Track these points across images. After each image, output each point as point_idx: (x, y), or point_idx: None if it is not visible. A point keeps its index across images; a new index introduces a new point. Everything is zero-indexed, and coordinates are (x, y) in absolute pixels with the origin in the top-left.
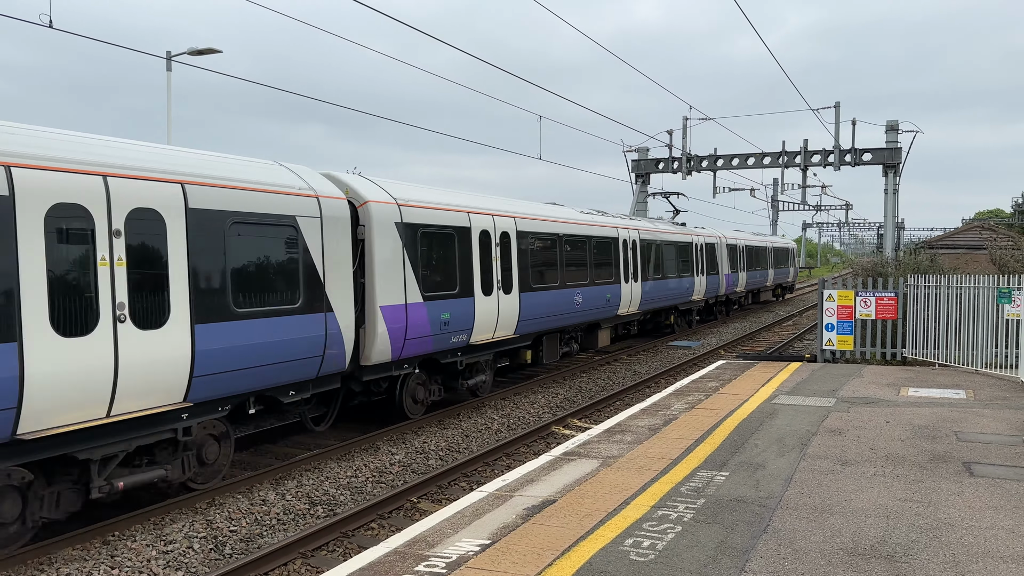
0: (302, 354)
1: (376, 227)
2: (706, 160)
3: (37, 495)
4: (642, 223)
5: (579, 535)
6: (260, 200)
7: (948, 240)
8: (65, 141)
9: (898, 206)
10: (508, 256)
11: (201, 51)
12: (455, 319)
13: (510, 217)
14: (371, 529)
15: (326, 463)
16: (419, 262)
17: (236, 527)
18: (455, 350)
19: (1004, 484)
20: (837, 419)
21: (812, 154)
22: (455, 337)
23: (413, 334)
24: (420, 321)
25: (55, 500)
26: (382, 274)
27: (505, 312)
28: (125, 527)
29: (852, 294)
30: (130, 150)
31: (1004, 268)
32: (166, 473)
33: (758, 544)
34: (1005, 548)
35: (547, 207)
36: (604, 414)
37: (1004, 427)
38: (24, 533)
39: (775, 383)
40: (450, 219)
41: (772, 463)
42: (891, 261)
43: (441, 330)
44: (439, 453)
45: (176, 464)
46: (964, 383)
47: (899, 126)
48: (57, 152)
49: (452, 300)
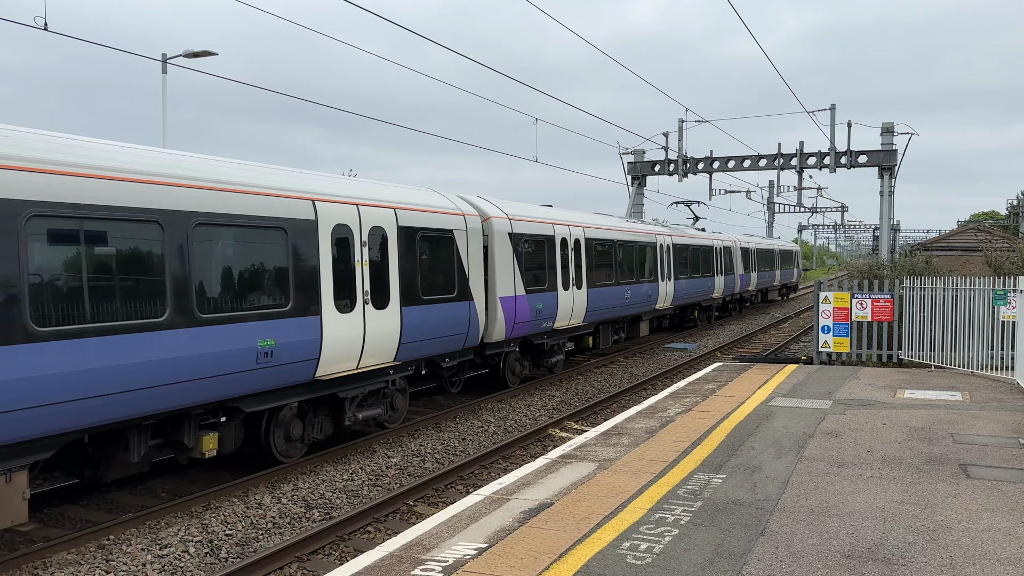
0: (455, 331)
1: (496, 236)
2: (702, 162)
3: (310, 422)
4: (675, 230)
5: (576, 538)
6: (436, 219)
7: (944, 242)
8: (331, 181)
9: (894, 208)
10: (579, 259)
11: (197, 53)
12: (545, 309)
13: (580, 227)
14: (367, 533)
15: (322, 466)
16: (522, 263)
17: (232, 531)
18: (543, 333)
19: (1000, 486)
20: (834, 421)
21: (808, 156)
22: (545, 323)
23: (519, 319)
24: (524, 310)
25: (319, 426)
26: (500, 273)
27: (577, 304)
28: (120, 531)
29: (848, 296)
30: (347, 183)
31: (999, 270)
32: (381, 411)
33: (755, 547)
34: (1002, 550)
35: (604, 218)
36: (601, 417)
37: (1000, 429)
38: (302, 449)
39: (772, 385)
40: (541, 229)
41: (769, 465)
42: (887, 263)
43: (536, 317)
44: (435, 456)
45: (385, 406)
46: (960, 385)
47: (894, 128)
48: (332, 189)
49: (543, 293)
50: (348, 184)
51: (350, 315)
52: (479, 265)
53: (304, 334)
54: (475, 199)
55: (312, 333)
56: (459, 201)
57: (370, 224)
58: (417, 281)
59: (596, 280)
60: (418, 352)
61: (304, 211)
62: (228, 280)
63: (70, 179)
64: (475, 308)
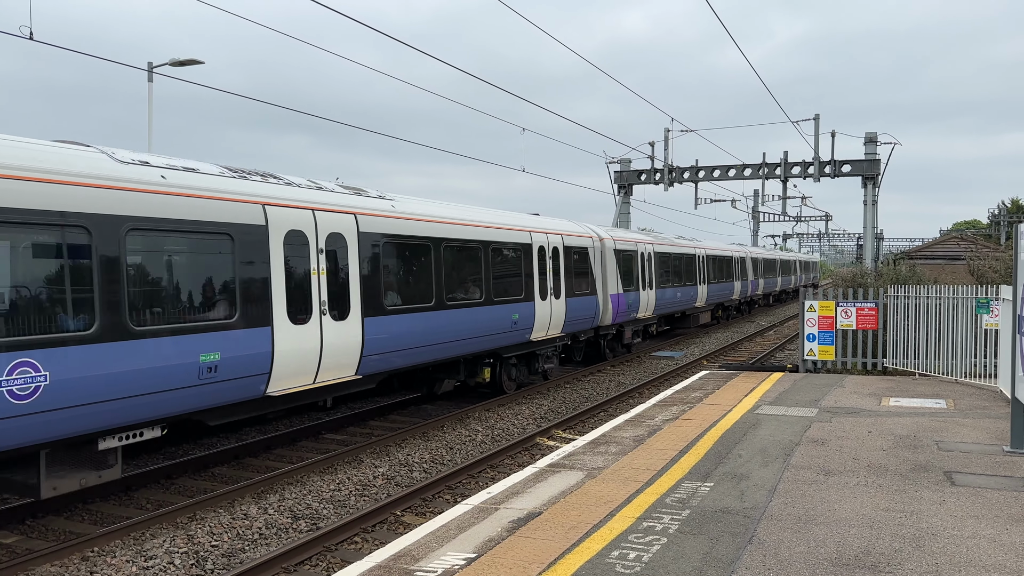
0: (588, 315)
1: (607, 251)
2: (688, 172)
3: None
4: (706, 243)
5: (565, 548)
6: (580, 240)
7: (927, 251)
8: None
9: (877, 217)
10: (652, 267)
11: (183, 62)
12: (631, 304)
13: (650, 244)
14: (355, 543)
15: (309, 476)
16: (620, 270)
17: (218, 542)
18: (629, 322)
19: (985, 493)
20: (820, 429)
21: (792, 166)
22: (631, 314)
23: (619, 310)
24: (621, 304)
25: None
26: (610, 276)
27: (649, 301)
28: (104, 542)
29: (833, 304)
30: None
31: (982, 278)
32: (553, 367)
33: (743, 555)
34: (987, 557)
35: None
36: (588, 425)
37: (984, 436)
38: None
39: (758, 393)
40: (630, 246)
41: (756, 473)
42: (871, 272)
43: (627, 309)
44: (423, 465)
45: (553, 364)
46: (944, 392)
47: (877, 138)
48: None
49: (631, 292)
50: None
51: (545, 302)
52: (599, 271)
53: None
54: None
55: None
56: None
57: (552, 245)
58: (571, 281)
59: (660, 284)
60: (570, 328)
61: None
62: None
63: (576, 238)
64: (599, 301)
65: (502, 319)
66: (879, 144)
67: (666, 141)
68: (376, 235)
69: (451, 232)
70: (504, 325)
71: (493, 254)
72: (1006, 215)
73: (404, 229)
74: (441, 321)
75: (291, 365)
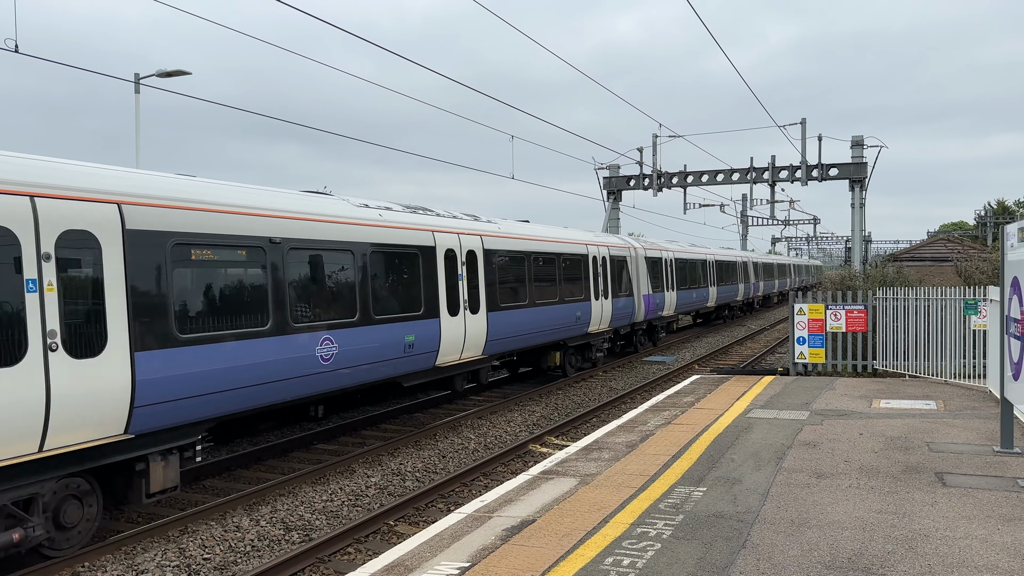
0: (628, 312)
1: (640, 259)
2: (676, 177)
3: None
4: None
5: (559, 555)
6: (621, 251)
7: (915, 253)
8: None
9: (865, 219)
10: (673, 271)
11: (170, 73)
12: (658, 303)
13: (672, 251)
14: (348, 554)
15: (301, 487)
16: (649, 274)
17: (210, 555)
18: (657, 318)
19: (976, 493)
20: (811, 432)
21: (780, 170)
22: (658, 312)
23: (649, 307)
24: (651, 303)
25: None
26: (642, 280)
27: (672, 301)
28: (95, 557)
29: (822, 307)
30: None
31: (969, 280)
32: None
33: (737, 560)
34: (979, 557)
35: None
36: (581, 431)
37: (974, 436)
38: None
39: (749, 397)
40: (656, 254)
41: (749, 477)
42: (859, 274)
43: (655, 308)
44: (416, 474)
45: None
46: (934, 394)
47: (864, 141)
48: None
49: (658, 293)
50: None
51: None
52: (635, 274)
53: None
54: (626, 236)
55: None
56: (627, 239)
57: (602, 255)
58: (608, 285)
59: (680, 286)
60: (614, 324)
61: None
62: None
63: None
64: (635, 300)
65: (569, 315)
66: (866, 147)
67: (654, 147)
68: (493, 251)
69: (537, 247)
70: (570, 320)
71: (563, 263)
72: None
73: (509, 245)
74: (532, 316)
75: (449, 345)
